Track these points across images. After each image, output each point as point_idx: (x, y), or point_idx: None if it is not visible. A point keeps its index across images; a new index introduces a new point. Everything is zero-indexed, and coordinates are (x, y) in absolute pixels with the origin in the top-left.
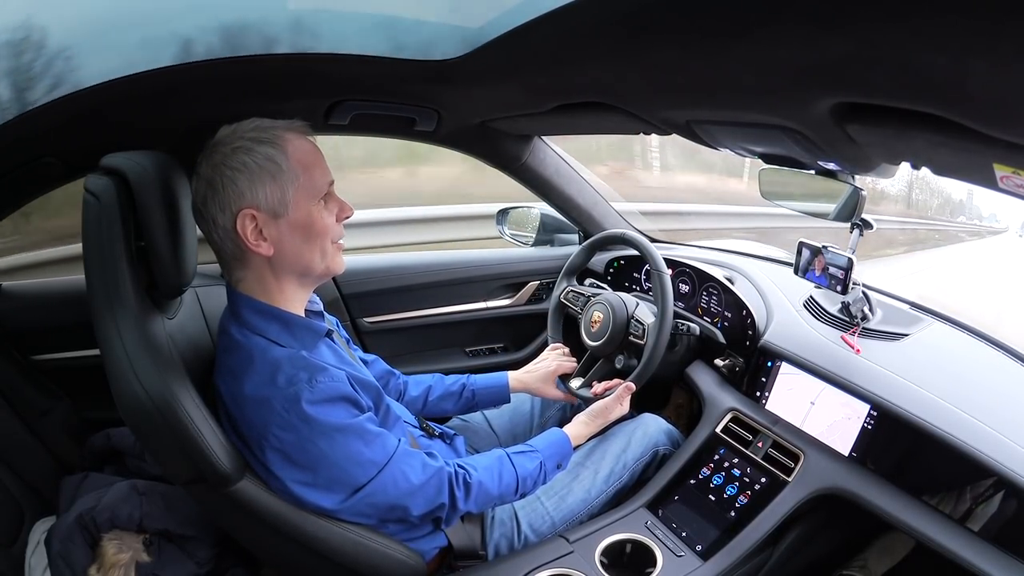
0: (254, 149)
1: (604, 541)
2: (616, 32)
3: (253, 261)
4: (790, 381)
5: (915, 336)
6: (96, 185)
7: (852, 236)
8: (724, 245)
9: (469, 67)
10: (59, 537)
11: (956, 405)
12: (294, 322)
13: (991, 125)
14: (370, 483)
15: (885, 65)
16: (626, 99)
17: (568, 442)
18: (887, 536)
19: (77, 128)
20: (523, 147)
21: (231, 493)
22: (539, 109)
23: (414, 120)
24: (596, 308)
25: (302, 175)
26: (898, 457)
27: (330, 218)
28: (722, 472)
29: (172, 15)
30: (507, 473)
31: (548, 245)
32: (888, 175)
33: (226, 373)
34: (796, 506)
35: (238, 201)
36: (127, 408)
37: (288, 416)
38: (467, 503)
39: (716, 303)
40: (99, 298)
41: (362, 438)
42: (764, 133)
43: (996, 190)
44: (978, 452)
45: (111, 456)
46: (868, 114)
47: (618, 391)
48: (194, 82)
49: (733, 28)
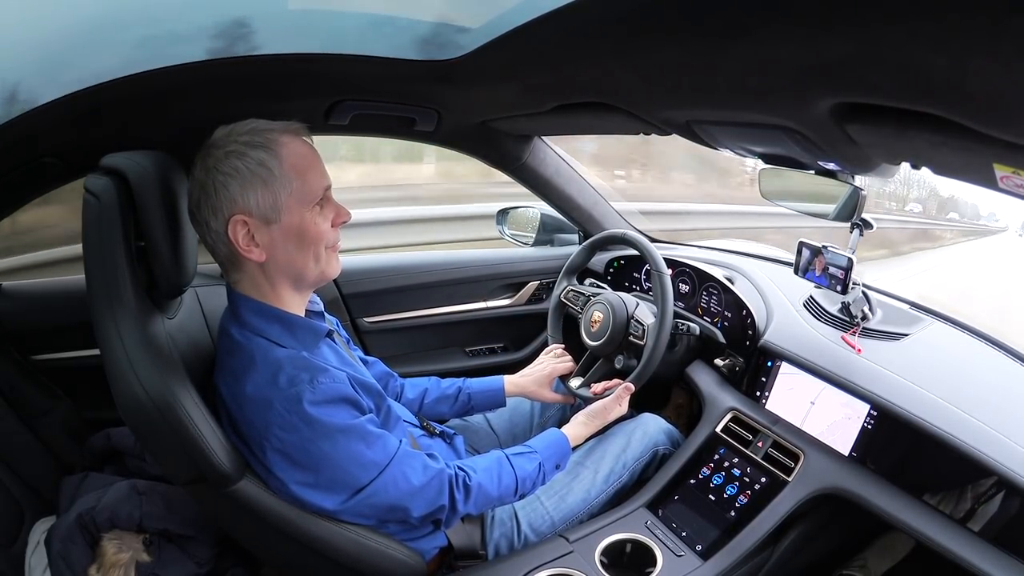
0: (247, 154)
1: (604, 541)
2: (616, 32)
3: (246, 265)
4: (790, 381)
5: (915, 336)
6: (96, 185)
7: (852, 236)
8: (724, 245)
9: (469, 67)
10: (59, 537)
11: (956, 405)
12: (295, 323)
13: (991, 125)
14: (371, 484)
15: (885, 65)
16: (626, 99)
17: (567, 443)
18: (887, 536)
19: (77, 128)
20: (523, 147)
21: (231, 493)
22: (539, 109)
23: (414, 120)
24: (596, 308)
25: (296, 180)
26: (898, 457)
27: (325, 224)
28: (722, 472)
29: (172, 15)
30: (506, 475)
31: (548, 245)
32: (888, 175)
33: (227, 374)
34: (796, 506)
35: (230, 207)
36: (127, 408)
37: (290, 417)
38: (466, 505)
39: (716, 303)
40: (99, 298)
41: (364, 439)
42: (764, 133)
43: (996, 190)
44: (978, 452)
45: (111, 456)
46: (868, 114)
47: (617, 391)
48: (194, 82)
49: (733, 28)
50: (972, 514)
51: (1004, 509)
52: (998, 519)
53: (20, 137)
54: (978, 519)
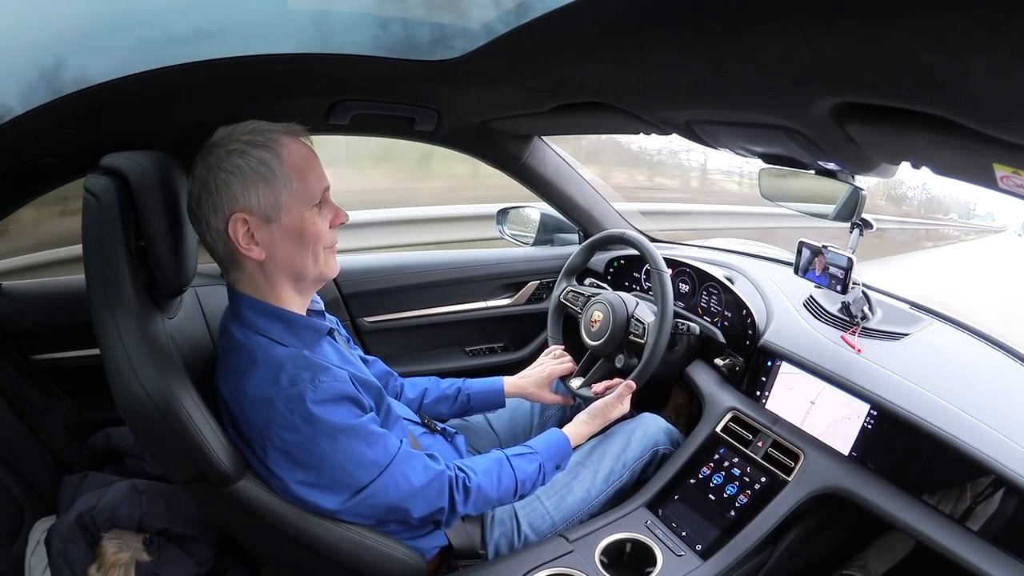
0: (249, 152)
1: (604, 540)
2: (616, 32)
3: (245, 264)
4: (790, 381)
5: (915, 336)
6: (96, 185)
7: (852, 236)
8: (724, 245)
9: (469, 67)
10: (59, 537)
11: (956, 405)
12: (296, 321)
13: (991, 125)
14: (371, 484)
15: (885, 65)
16: (626, 99)
17: (567, 443)
18: (887, 536)
19: (77, 128)
20: (523, 147)
21: (231, 492)
22: (539, 109)
23: (414, 120)
24: (596, 308)
25: (296, 180)
26: (898, 457)
27: (323, 224)
28: (722, 472)
29: (172, 15)
30: (506, 476)
31: (548, 245)
32: (888, 175)
33: (228, 373)
34: (796, 506)
35: (231, 204)
36: (127, 408)
37: (291, 416)
38: (466, 507)
39: (716, 303)
40: (99, 298)
41: (365, 439)
42: (764, 133)
43: (996, 190)
44: (978, 451)
45: (111, 456)
46: (868, 114)
47: (618, 390)
48: (194, 82)
49: (733, 28)
50: (971, 513)
51: (1002, 508)
52: (996, 518)
53: (20, 137)
54: (977, 518)
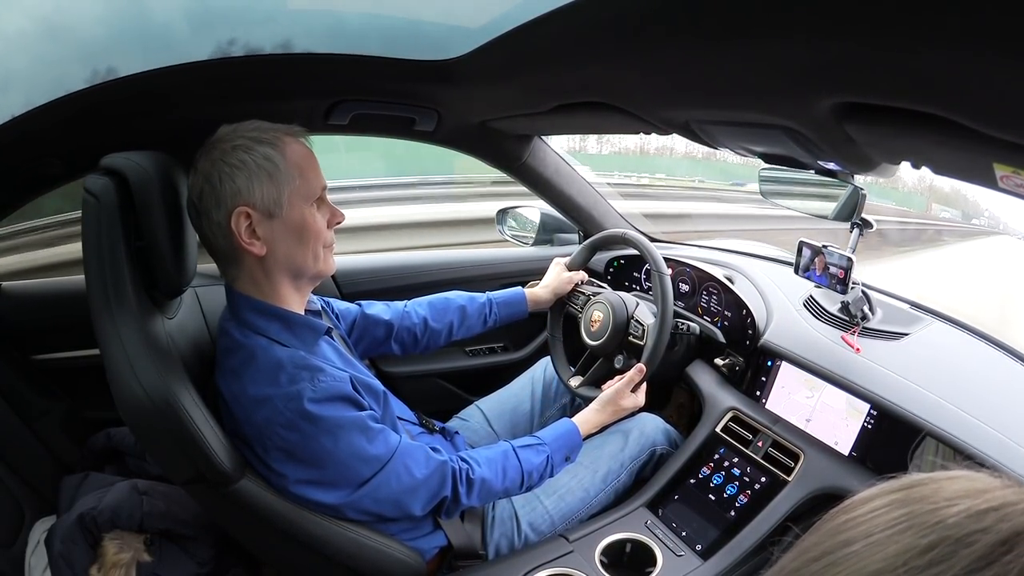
0: (253, 148)
1: (604, 540)
2: (616, 32)
3: (245, 260)
4: (790, 380)
5: (915, 335)
6: (96, 185)
7: (852, 236)
8: (724, 245)
9: (469, 67)
10: (60, 537)
11: (956, 404)
12: (294, 320)
13: (991, 125)
14: (374, 478)
15: (885, 65)
16: (626, 99)
17: (577, 433)
18: None
19: (77, 128)
20: (523, 147)
21: (231, 492)
22: (539, 109)
23: (414, 120)
24: (596, 308)
25: (298, 177)
26: (898, 457)
27: (322, 222)
28: (722, 471)
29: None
30: (511, 468)
31: (548, 245)
32: (888, 175)
33: (228, 373)
34: (796, 506)
35: (234, 198)
36: (127, 408)
37: (291, 415)
38: (470, 498)
39: (716, 303)
40: (99, 298)
41: (365, 434)
42: (764, 133)
43: (996, 190)
44: (978, 451)
45: (111, 456)
46: (868, 114)
47: (628, 374)
48: (194, 82)
49: (733, 28)
50: None
51: None
52: None
53: (20, 137)
54: None
